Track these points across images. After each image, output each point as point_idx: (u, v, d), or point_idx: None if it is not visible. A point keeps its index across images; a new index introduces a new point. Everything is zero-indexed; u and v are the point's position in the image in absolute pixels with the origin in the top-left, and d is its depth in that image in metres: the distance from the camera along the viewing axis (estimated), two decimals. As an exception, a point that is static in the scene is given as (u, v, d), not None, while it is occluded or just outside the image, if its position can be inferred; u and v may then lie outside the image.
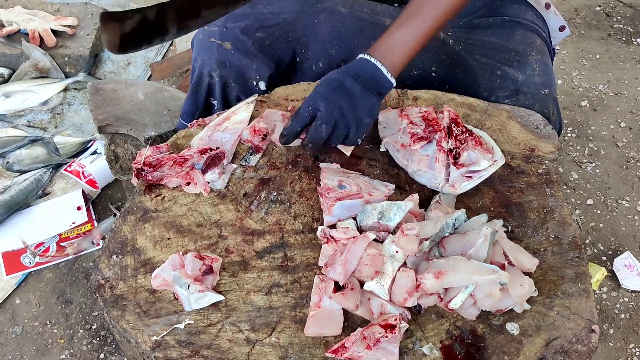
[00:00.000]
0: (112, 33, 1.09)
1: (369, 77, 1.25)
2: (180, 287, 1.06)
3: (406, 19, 1.30)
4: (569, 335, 1.04)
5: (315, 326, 1.04)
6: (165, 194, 1.27)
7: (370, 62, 1.26)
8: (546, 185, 1.28)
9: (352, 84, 1.24)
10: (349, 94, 1.23)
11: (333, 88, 1.24)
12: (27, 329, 2.02)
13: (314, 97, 1.24)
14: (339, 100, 1.23)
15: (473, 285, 1.02)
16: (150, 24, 1.13)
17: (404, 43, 1.29)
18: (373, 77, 1.26)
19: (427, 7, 1.29)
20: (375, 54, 1.27)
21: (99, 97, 1.99)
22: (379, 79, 1.26)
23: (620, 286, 2.18)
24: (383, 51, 1.28)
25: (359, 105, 1.24)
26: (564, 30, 1.65)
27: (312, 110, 1.24)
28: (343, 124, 1.24)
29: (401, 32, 1.29)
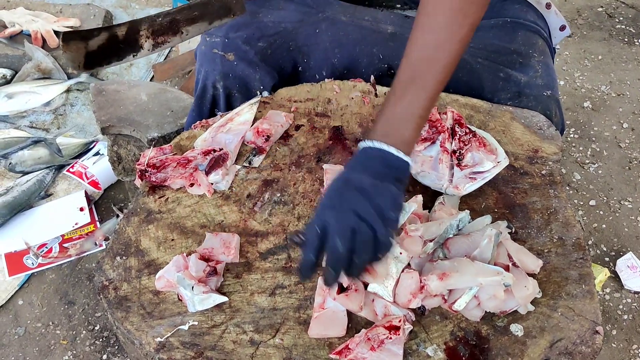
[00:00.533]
0: (75, 51, 1.10)
1: (377, 164, 1.03)
2: (184, 289, 1.06)
3: (403, 88, 1.09)
4: (573, 337, 1.04)
5: (319, 327, 1.04)
6: (169, 195, 1.27)
7: (374, 148, 1.04)
8: (550, 187, 1.28)
9: (360, 179, 1.01)
10: (359, 192, 0.99)
11: (337, 191, 1.02)
12: (29, 330, 2.03)
13: (318, 212, 1.01)
14: (349, 203, 0.98)
15: (477, 287, 1.02)
16: (121, 40, 1.15)
17: (408, 114, 1.08)
18: (383, 163, 1.04)
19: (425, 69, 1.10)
20: (377, 137, 1.05)
21: (101, 98, 1.99)
22: (390, 162, 1.04)
23: (623, 287, 2.18)
24: (387, 130, 1.06)
25: (377, 199, 0.98)
26: (564, 29, 1.65)
27: (319, 227, 0.98)
28: (365, 228, 0.96)
29: (401, 103, 1.08)
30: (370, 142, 1.05)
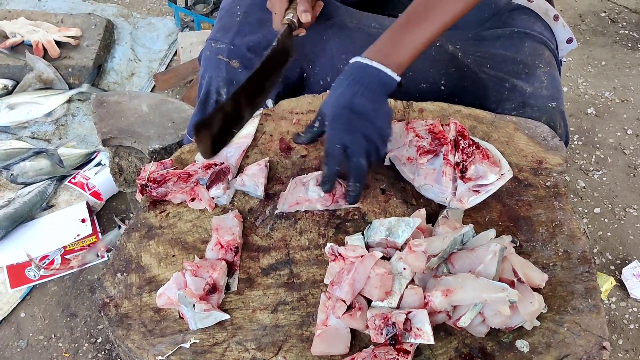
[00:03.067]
0: (205, 141, 1.16)
1: (375, 83, 1.22)
2: (185, 307, 1.04)
3: (414, 19, 1.27)
4: (580, 353, 1.02)
5: (322, 345, 1.03)
6: (170, 210, 1.26)
7: (373, 67, 1.22)
8: (554, 198, 1.27)
9: (363, 103, 1.20)
10: (365, 118, 1.20)
11: (347, 119, 1.20)
12: (32, 342, 2.02)
13: (334, 135, 1.21)
14: (360, 128, 1.19)
15: (482, 303, 1.01)
16: (229, 115, 1.20)
17: (411, 44, 1.26)
18: (380, 82, 1.22)
19: (436, 9, 1.27)
20: (377, 56, 1.23)
21: (102, 109, 1.99)
22: (385, 80, 1.23)
23: (629, 296, 2.16)
24: (388, 52, 1.24)
25: (378, 121, 1.21)
26: (571, 42, 1.64)
27: (339, 147, 1.19)
28: (372, 147, 1.21)
29: (408, 32, 1.26)
30: (368, 60, 1.23)
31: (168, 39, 3.27)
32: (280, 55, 1.34)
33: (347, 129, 1.19)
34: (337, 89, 1.23)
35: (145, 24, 3.35)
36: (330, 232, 1.21)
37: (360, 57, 1.24)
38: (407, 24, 1.27)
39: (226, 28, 1.56)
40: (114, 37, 3.21)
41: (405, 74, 1.51)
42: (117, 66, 3.08)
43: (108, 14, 3.32)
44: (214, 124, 1.17)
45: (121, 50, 3.16)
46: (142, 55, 3.18)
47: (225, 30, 1.56)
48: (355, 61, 1.25)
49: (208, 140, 1.17)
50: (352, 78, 1.23)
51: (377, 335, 1.01)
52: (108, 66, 3.07)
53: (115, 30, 3.24)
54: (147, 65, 3.13)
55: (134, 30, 3.28)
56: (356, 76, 1.23)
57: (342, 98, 1.21)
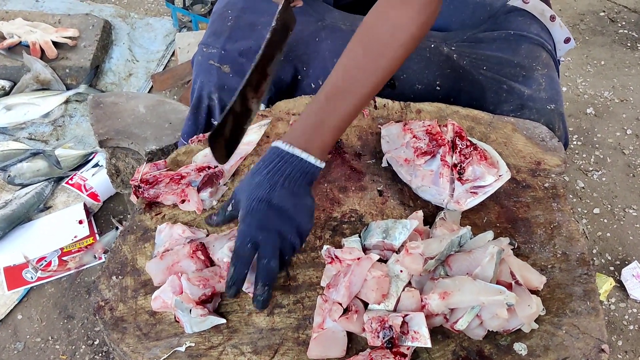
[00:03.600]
0: (220, 147, 1.13)
1: (297, 173, 1.11)
2: (182, 312, 1.04)
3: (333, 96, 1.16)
4: (578, 355, 1.01)
5: (318, 348, 1.02)
6: (166, 212, 1.25)
7: (295, 156, 1.11)
8: (553, 200, 1.26)
9: (282, 197, 1.09)
10: (283, 214, 1.09)
11: (264, 214, 1.08)
12: (29, 345, 2.01)
13: (246, 231, 1.08)
14: (276, 225, 1.08)
15: (479, 306, 1.00)
16: (239, 114, 1.17)
17: (334, 123, 1.15)
18: (302, 172, 1.11)
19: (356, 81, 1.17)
20: (299, 143, 1.12)
21: (99, 110, 1.98)
22: (308, 169, 1.12)
23: (629, 297, 2.15)
24: (309, 136, 1.13)
25: (298, 217, 1.10)
26: (569, 42, 1.63)
27: (250, 246, 1.07)
28: (288, 247, 1.09)
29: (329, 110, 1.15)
30: (290, 147, 1.11)
31: (166, 40, 3.26)
32: (281, 33, 1.29)
33: (261, 225, 1.07)
34: (255, 177, 1.11)
35: (142, 24, 3.34)
36: (327, 234, 1.20)
37: (280, 143, 1.12)
38: (328, 102, 1.16)
39: (217, 33, 1.55)
40: (112, 37, 3.20)
41: (399, 76, 1.51)
42: (114, 67, 3.07)
43: (105, 15, 3.31)
44: (226, 128, 1.13)
45: (119, 50, 3.15)
46: (140, 56, 3.17)
47: (217, 35, 1.55)
48: (275, 147, 1.13)
49: (222, 147, 1.14)
50: (271, 167, 1.11)
51: (373, 339, 1.00)
52: (106, 67, 3.07)
53: (112, 31, 3.23)
54: (145, 65, 3.12)
55: (131, 31, 3.28)
56: (276, 165, 1.11)
57: (260, 190, 1.09)
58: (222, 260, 1.11)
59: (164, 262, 1.11)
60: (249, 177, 1.12)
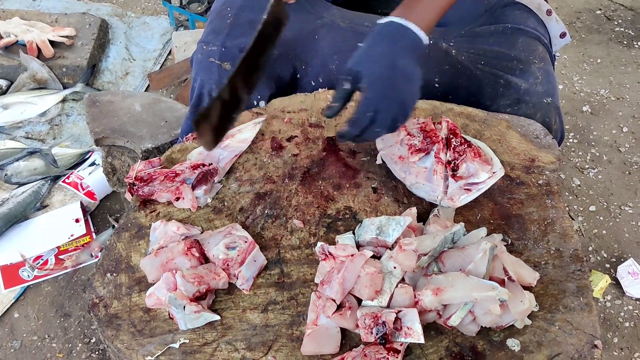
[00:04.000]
0: (206, 133, 1.15)
1: (411, 46, 1.18)
2: (176, 309, 1.04)
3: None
4: (571, 351, 1.02)
5: (312, 345, 1.02)
6: (160, 210, 1.25)
7: (410, 30, 1.18)
8: (547, 197, 1.26)
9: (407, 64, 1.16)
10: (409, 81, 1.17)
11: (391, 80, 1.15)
12: (25, 343, 2.01)
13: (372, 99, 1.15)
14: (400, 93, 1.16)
15: (472, 302, 1.00)
16: (227, 102, 1.18)
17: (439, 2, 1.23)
18: (414, 45, 1.18)
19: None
20: (412, 18, 1.19)
21: (95, 109, 1.98)
22: (418, 44, 1.19)
23: (624, 294, 2.16)
24: (419, 12, 1.21)
25: (416, 85, 1.18)
26: (564, 37, 1.64)
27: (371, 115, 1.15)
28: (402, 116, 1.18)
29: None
30: (405, 21, 1.18)
31: (162, 38, 3.26)
32: (273, 27, 1.30)
33: (387, 92, 1.15)
34: (374, 47, 1.18)
35: (139, 23, 3.34)
36: (321, 231, 1.21)
37: (395, 17, 1.19)
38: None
39: (217, 31, 1.55)
40: (109, 36, 3.20)
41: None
42: (111, 66, 3.07)
43: (102, 14, 3.31)
44: (213, 114, 1.14)
45: (115, 49, 3.15)
46: (137, 55, 3.17)
47: (216, 32, 1.55)
48: (390, 21, 1.20)
49: (209, 133, 1.15)
50: (390, 38, 1.18)
51: (367, 335, 1.00)
52: (102, 66, 3.06)
53: (109, 30, 3.23)
54: (142, 64, 3.12)
55: (128, 30, 3.27)
56: (394, 37, 1.18)
57: (385, 58, 1.16)
58: (217, 257, 1.12)
59: (159, 259, 1.12)
60: (366, 49, 1.18)
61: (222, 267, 1.11)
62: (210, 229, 1.21)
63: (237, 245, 1.13)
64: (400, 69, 1.15)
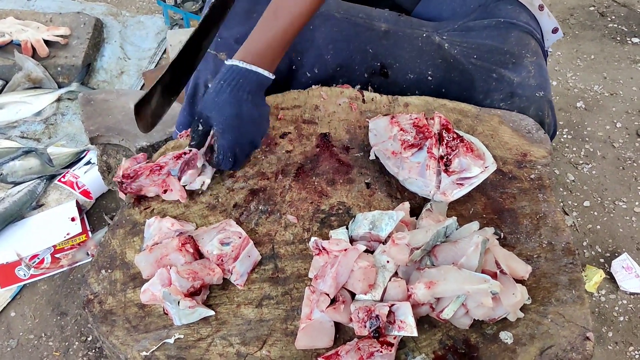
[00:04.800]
0: (145, 116, 1.25)
1: (256, 87, 1.27)
2: (170, 304, 1.04)
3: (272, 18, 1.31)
4: (564, 344, 1.03)
5: (306, 339, 1.03)
6: (155, 207, 1.26)
7: (252, 72, 1.26)
8: (539, 191, 1.27)
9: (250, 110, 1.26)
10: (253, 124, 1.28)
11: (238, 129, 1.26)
12: (22, 342, 2.01)
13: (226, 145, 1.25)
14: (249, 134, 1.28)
15: (465, 295, 1.01)
16: (168, 85, 1.28)
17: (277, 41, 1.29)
18: (259, 84, 1.27)
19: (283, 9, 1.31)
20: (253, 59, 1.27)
21: (90, 107, 1.98)
22: (263, 82, 1.28)
23: (619, 288, 2.17)
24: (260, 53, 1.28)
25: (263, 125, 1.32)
26: (556, 32, 1.65)
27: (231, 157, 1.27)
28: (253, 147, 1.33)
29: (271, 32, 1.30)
30: (246, 64, 1.26)
31: (157, 37, 3.26)
32: (219, 10, 1.38)
33: (238, 139, 1.26)
34: (220, 95, 1.25)
35: (134, 22, 3.34)
36: (314, 226, 1.21)
37: (237, 62, 1.26)
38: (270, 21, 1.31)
39: None
40: (103, 35, 3.20)
41: (392, 65, 1.53)
42: (106, 65, 3.07)
43: (97, 13, 3.31)
44: (153, 99, 1.23)
45: (110, 48, 3.15)
46: (132, 54, 3.17)
47: None
48: (233, 65, 1.27)
49: (148, 117, 1.25)
50: (234, 84, 1.25)
51: (360, 328, 1.01)
52: (97, 65, 3.06)
53: (104, 29, 3.23)
54: (137, 63, 3.12)
55: (123, 29, 3.27)
56: (237, 82, 1.25)
57: (230, 107, 1.24)
58: (211, 252, 1.12)
59: (153, 255, 1.12)
60: (213, 96, 1.25)
61: (216, 262, 1.11)
62: (204, 225, 1.22)
63: (231, 241, 1.14)
64: (246, 116, 1.25)
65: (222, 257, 1.11)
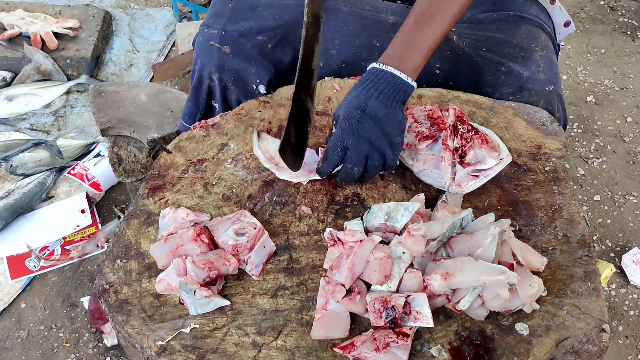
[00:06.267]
0: (290, 156, 1.23)
1: (390, 89, 1.20)
2: (186, 293, 1.04)
3: (422, 19, 1.25)
4: (579, 335, 1.02)
5: (322, 329, 1.03)
6: (169, 197, 1.26)
7: (388, 73, 1.21)
8: (553, 183, 1.27)
9: (376, 106, 1.18)
10: (374, 121, 1.18)
11: (357, 120, 1.18)
12: (32, 333, 2.02)
13: (340, 136, 1.18)
14: (366, 132, 1.18)
15: (481, 286, 1.01)
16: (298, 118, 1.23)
17: (423, 45, 1.24)
18: (395, 88, 1.21)
19: (443, 4, 1.26)
20: (392, 62, 1.22)
21: (101, 99, 1.98)
22: (401, 87, 1.21)
23: (629, 282, 2.16)
24: (401, 57, 1.23)
25: (387, 127, 1.19)
26: (569, 25, 1.64)
27: (340, 151, 1.19)
28: (377, 154, 1.19)
29: (419, 33, 1.24)
30: (384, 66, 1.21)
31: (166, 30, 3.26)
32: (314, 25, 1.30)
33: (353, 131, 1.18)
34: (351, 93, 1.22)
35: (143, 15, 3.34)
36: (329, 217, 1.21)
37: (375, 63, 1.23)
38: (417, 25, 1.25)
39: (219, 14, 1.56)
40: (112, 28, 3.21)
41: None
42: (115, 57, 3.08)
43: (106, 5, 3.32)
44: (292, 137, 1.21)
45: (119, 41, 3.15)
46: (141, 47, 3.17)
47: (218, 16, 1.56)
48: (371, 67, 1.23)
49: (293, 155, 1.23)
50: (367, 83, 1.21)
51: (376, 319, 1.01)
52: (106, 57, 3.07)
53: (113, 22, 3.23)
54: (146, 56, 3.12)
55: (132, 22, 3.28)
56: (372, 81, 1.21)
57: (356, 100, 1.19)
58: (226, 243, 1.12)
59: (168, 245, 1.12)
60: (347, 95, 1.23)
61: (231, 253, 1.11)
62: (219, 216, 1.22)
63: (247, 232, 1.14)
64: (369, 111, 1.18)
65: (237, 248, 1.11)
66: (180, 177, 1.29)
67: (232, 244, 1.11)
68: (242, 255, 1.11)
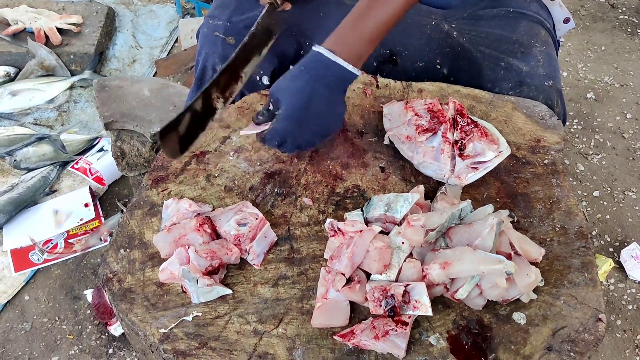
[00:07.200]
0: (171, 143, 1.16)
1: (336, 82, 1.20)
2: (189, 282, 1.06)
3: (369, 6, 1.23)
4: (576, 325, 1.04)
5: (322, 317, 1.04)
6: (172, 188, 1.28)
7: (336, 64, 1.19)
8: (552, 176, 1.28)
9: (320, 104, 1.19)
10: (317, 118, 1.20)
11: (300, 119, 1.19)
12: (36, 325, 2.04)
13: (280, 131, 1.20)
14: (307, 129, 1.21)
15: (479, 276, 1.02)
16: (200, 112, 1.21)
17: (370, 32, 1.22)
18: (341, 80, 1.20)
19: None
20: (338, 48, 1.19)
21: (104, 94, 2.00)
22: (345, 77, 1.21)
23: (628, 277, 2.18)
24: (349, 42, 1.21)
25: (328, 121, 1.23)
26: (568, 22, 1.65)
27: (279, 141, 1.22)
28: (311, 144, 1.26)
29: (366, 21, 1.22)
30: (327, 52, 1.18)
31: (169, 26, 3.28)
32: (261, 38, 1.34)
33: (295, 128, 1.20)
34: (296, 80, 1.19)
35: (146, 11, 3.36)
36: (329, 208, 1.23)
37: (322, 48, 1.20)
38: (366, 12, 1.23)
39: (224, 5, 1.57)
40: (115, 24, 3.22)
41: (401, 53, 1.53)
42: (118, 53, 3.09)
43: (109, 1, 3.33)
44: (182, 125, 1.17)
45: (122, 37, 3.17)
46: (144, 42, 3.19)
47: (223, 7, 1.57)
48: (317, 52, 1.20)
49: (175, 143, 1.17)
50: (313, 73, 1.19)
51: (376, 307, 1.02)
52: (109, 53, 3.08)
53: (116, 18, 3.25)
54: (149, 52, 3.14)
55: (135, 18, 3.29)
56: (318, 72, 1.19)
57: (300, 96, 1.18)
58: (228, 233, 1.14)
59: (171, 235, 1.14)
60: (289, 80, 1.20)
61: (233, 242, 1.13)
62: (221, 207, 1.23)
63: (248, 222, 1.15)
64: (313, 110, 1.18)
65: (239, 238, 1.13)
66: (183, 169, 1.31)
67: (234, 234, 1.13)
68: (244, 245, 1.13)
